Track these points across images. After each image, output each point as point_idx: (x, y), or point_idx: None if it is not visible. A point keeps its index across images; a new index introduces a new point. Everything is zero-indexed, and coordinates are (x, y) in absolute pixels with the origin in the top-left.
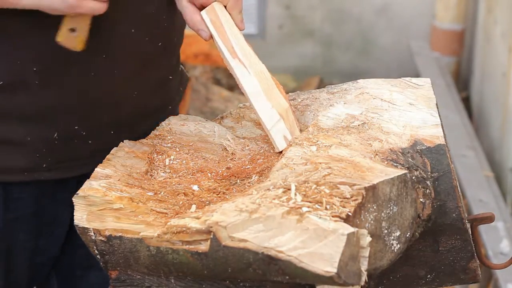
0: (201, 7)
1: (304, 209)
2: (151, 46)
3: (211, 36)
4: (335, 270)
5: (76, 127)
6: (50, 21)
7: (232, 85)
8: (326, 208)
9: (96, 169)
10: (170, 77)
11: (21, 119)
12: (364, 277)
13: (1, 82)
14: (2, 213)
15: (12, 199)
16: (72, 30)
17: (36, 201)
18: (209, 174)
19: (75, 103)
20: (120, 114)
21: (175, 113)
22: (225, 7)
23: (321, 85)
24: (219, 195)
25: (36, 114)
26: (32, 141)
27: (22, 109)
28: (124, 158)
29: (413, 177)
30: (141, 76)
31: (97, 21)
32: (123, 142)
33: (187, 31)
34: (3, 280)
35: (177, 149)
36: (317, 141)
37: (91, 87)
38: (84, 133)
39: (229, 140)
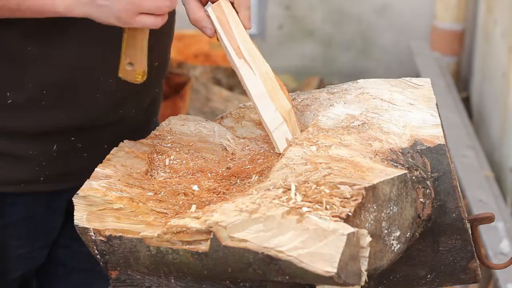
0: (206, 3)
1: (304, 209)
2: (149, 66)
3: (215, 34)
4: (335, 270)
5: (72, 139)
6: (63, 52)
7: (232, 85)
8: (326, 208)
9: (96, 169)
10: (157, 90)
11: (25, 135)
12: (364, 277)
13: (10, 101)
14: None
15: (6, 205)
16: (130, 64)
17: (29, 208)
18: (209, 174)
19: (78, 121)
20: (117, 130)
21: (157, 123)
22: (232, 4)
23: (321, 85)
24: (219, 195)
25: (39, 131)
26: (32, 155)
27: (27, 127)
28: (124, 158)
29: (413, 177)
30: (139, 95)
31: (100, 45)
32: (123, 142)
33: (187, 31)
34: None
35: (177, 149)
36: (317, 141)
37: (94, 106)
38: (80, 146)
39: (229, 140)
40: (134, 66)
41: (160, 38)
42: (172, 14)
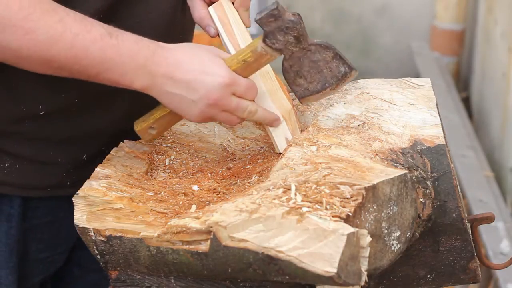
0: (210, 3)
1: (304, 209)
2: None
3: (218, 34)
4: (335, 270)
5: (103, 148)
6: None
7: None
8: (326, 208)
9: (96, 169)
10: None
11: (55, 142)
12: (364, 277)
13: (42, 113)
14: (20, 222)
15: (29, 208)
16: (153, 128)
17: (52, 213)
18: (209, 174)
19: (107, 127)
20: None
21: None
22: (232, 3)
23: None
24: (219, 195)
25: (69, 139)
26: (61, 162)
27: (57, 134)
28: (124, 158)
29: (413, 177)
30: None
31: None
32: (123, 142)
33: None
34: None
35: (177, 149)
36: (317, 141)
37: (123, 112)
38: (106, 151)
39: (229, 140)
40: (154, 132)
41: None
42: (189, 14)
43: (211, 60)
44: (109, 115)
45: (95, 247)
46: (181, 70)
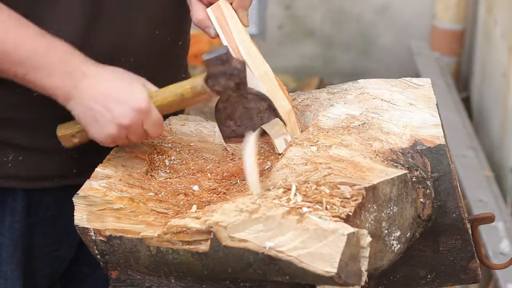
0: (209, 4)
1: (304, 209)
2: (174, 46)
3: (218, 35)
4: (335, 270)
5: None
6: (89, 40)
7: None
8: (326, 208)
9: (96, 169)
10: (184, 75)
11: (55, 129)
12: (364, 277)
13: (36, 93)
14: (24, 217)
15: (33, 202)
16: (74, 136)
17: (56, 206)
18: (209, 174)
19: None
20: None
21: (183, 111)
22: (231, 4)
23: (321, 85)
24: (219, 195)
25: None
26: (64, 148)
27: (56, 120)
28: (124, 158)
29: (413, 177)
30: (166, 76)
31: (122, 26)
32: None
33: None
34: (21, 285)
35: (178, 149)
36: (317, 141)
37: None
38: None
39: None
40: (76, 140)
41: (170, 15)
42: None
43: (134, 85)
44: None
45: (95, 247)
46: (104, 84)
